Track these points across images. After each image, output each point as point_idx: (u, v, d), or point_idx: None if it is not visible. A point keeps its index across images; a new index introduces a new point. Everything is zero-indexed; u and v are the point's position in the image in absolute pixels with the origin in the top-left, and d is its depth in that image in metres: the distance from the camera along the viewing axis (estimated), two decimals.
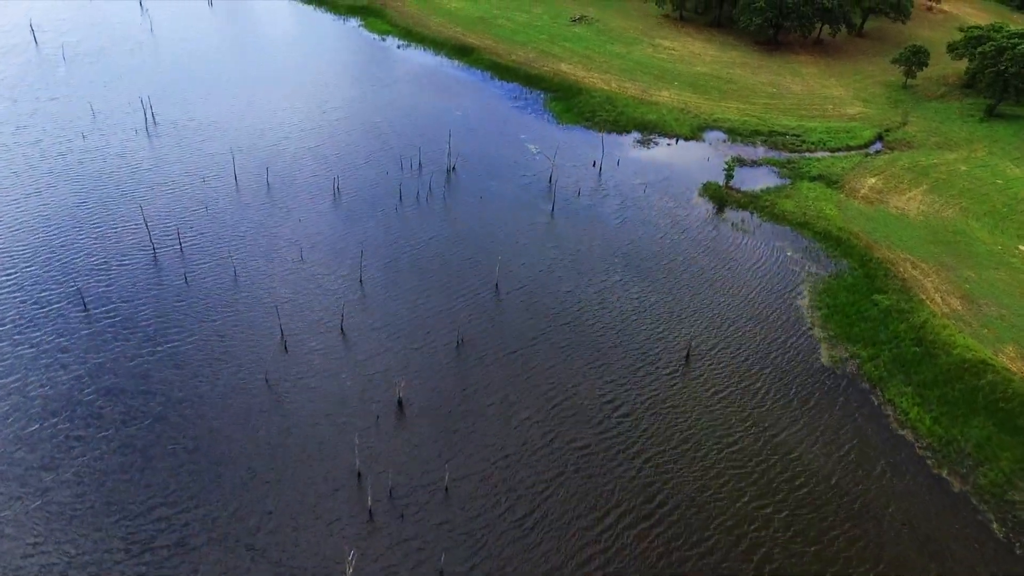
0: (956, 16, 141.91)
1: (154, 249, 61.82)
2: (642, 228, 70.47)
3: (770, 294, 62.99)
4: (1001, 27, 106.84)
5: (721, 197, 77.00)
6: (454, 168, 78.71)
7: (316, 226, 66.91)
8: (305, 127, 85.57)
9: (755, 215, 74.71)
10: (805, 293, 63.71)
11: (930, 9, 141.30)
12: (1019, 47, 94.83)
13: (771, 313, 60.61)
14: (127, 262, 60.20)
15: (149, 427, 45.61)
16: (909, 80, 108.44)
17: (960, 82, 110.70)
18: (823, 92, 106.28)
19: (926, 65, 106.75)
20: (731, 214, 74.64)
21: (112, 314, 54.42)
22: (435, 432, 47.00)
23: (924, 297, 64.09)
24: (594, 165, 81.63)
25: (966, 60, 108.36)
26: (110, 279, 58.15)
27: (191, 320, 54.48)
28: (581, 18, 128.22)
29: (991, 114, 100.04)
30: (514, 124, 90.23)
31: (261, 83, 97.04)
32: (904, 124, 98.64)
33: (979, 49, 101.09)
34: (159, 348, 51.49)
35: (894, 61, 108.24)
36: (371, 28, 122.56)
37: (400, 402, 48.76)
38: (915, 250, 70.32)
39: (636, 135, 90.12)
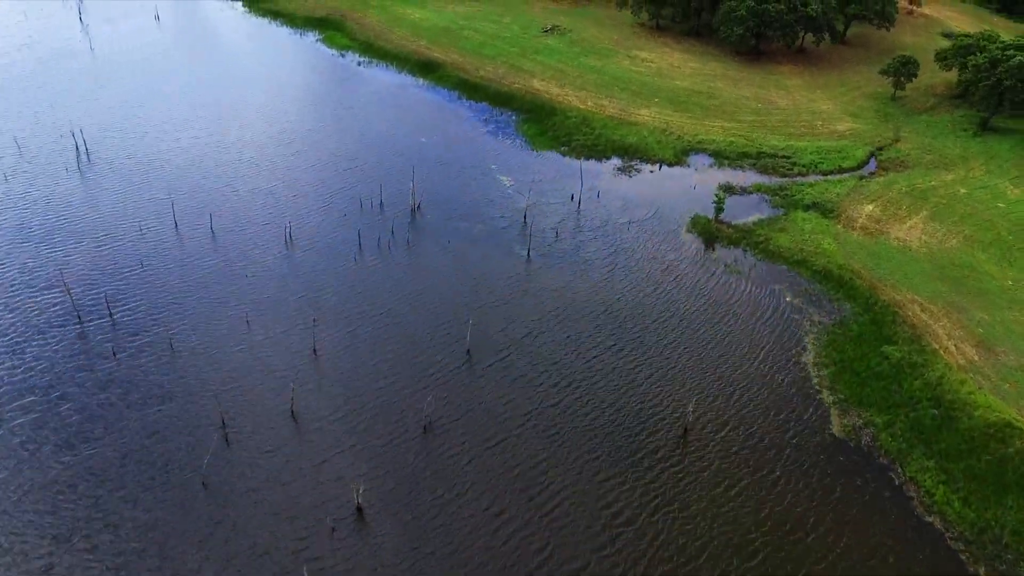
0: (937, 20, 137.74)
1: (80, 321, 54.30)
2: (630, 277, 64.09)
3: (772, 351, 57.21)
4: (992, 36, 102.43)
5: (711, 233, 71.14)
6: (419, 207, 71.92)
7: (265, 285, 59.80)
8: (256, 163, 78.07)
9: (749, 253, 68.89)
10: (809, 347, 58.05)
11: (911, 13, 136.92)
12: (1015, 59, 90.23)
13: (775, 375, 54.83)
14: (46, 341, 52.66)
15: (56, 557, 38.55)
16: (898, 92, 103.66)
17: (950, 93, 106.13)
18: (810, 106, 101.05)
19: (915, 76, 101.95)
20: (723, 252, 68.75)
21: (25, 411, 47.02)
22: (401, 548, 40.48)
23: (937, 346, 58.80)
24: (572, 199, 75.33)
25: (956, 70, 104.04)
26: (24, 365, 50.61)
27: (118, 414, 47.20)
28: (553, 28, 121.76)
29: (985, 128, 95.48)
30: (484, 152, 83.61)
31: (209, 111, 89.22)
32: (896, 141, 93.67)
33: (971, 61, 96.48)
34: (76, 456, 44.22)
35: (883, 72, 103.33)
36: (330, 43, 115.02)
37: (359, 509, 42.19)
38: (922, 289, 65.09)
39: (616, 161, 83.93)
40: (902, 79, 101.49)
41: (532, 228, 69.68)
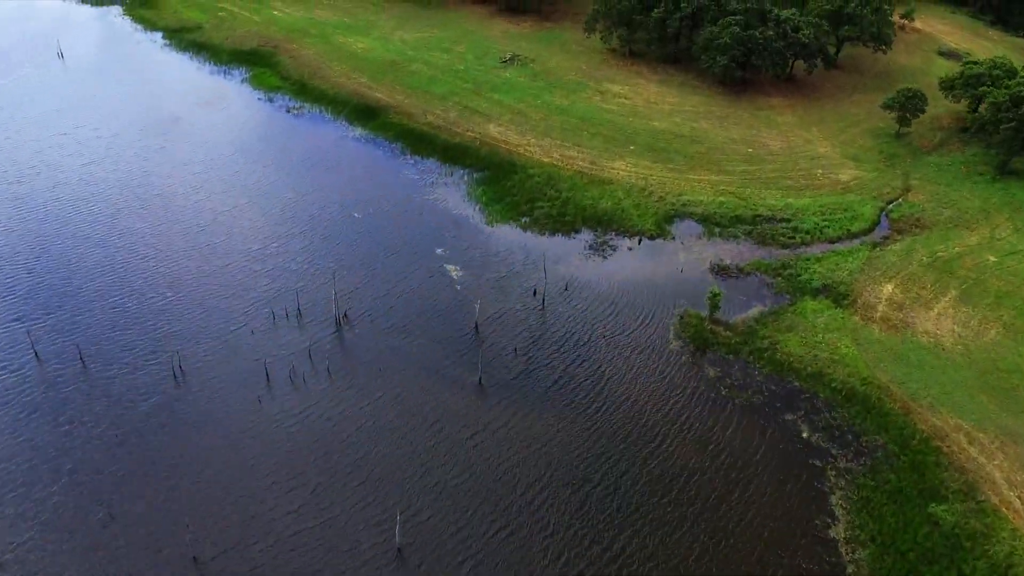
0: (931, 35, 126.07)
1: None
2: (609, 418, 50.70)
3: (791, 523, 44.56)
4: (1004, 64, 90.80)
5: (705, 338, 58.32)
6: (345, 317, 58.48)
7: (138, 461, 46.00)
8: (141, 267, 63.27)
9: (753, 366, 56.13)
10: (838, 512, 45.46)
11: (903, 28, 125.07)
12: None
13: (801, 562, 42.36)
14: None
15: None
16: (902, 128, 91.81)
17: (957, 125, 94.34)
18: (807, 149, 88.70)
19: (923, 112, 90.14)
20: (722, 367, 55.57)
21: None
22: None
23: (997, 500, 46.67)
24: (535, 295, 62.29)
25: (965, 102, 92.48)
26: None
27: None
28: (512, 58, 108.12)
29: (1004, 171, 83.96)
30: (429, 229, 69.75)
31: (90, 189, 74.19)
32: (907, 191, 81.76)
33: (987, 96, 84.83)
34: None
35: (886, 107, 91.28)
36: (258, 83, 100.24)
37: None
38: (966, 409, 52.97)
39: (587, 236, 70.63)
40: (907, 115, 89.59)
41: (485, 341, 56.61)
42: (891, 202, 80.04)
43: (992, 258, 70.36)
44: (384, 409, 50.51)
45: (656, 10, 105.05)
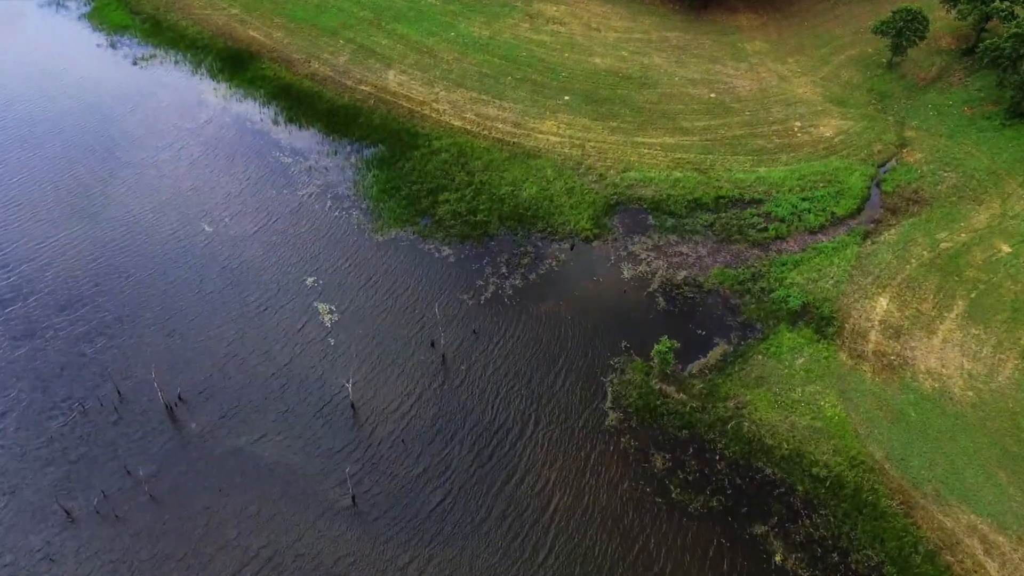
0: None
1: None
2: (527, 547, 37.99)
3: None
4: None
5: (651, 406, 45.03)
6: (180, 400, 43.81)
7: None
8: None
9: (712, 446, 43.26)
10: None
11: None
12: None
13: None
14: None
15: None
16: (895, 57, 75.29)
17: (959, 45, 78.14)
18: (782, 91, 72.19)
19: (923, 38, 73.43)
20: (672, 451, 41.96)
21: None
22: None
23: None
24: (432, 346, 47.87)
25: (972, 18, 75.75)
26: None
27: None
28: None
29: (1016, 114, 68.90)
30: (301, 242, 53.30)
31: None
32: (902, 148, 66.79)
33: (1004, 19, 68.36)
34: None
35: (878, 31, 74.23)
36: (99, 20, 78.98)
37: None
38: (981, 496, 41.03)
39: (504, 242, 54.86)
40: (904, 43, 72.94)
41: (364, 431, 42.72)
42: (883, 165, 65.30)
43: (1006, 248, 56.78)
44: (221, 558, 37.20)
45: None
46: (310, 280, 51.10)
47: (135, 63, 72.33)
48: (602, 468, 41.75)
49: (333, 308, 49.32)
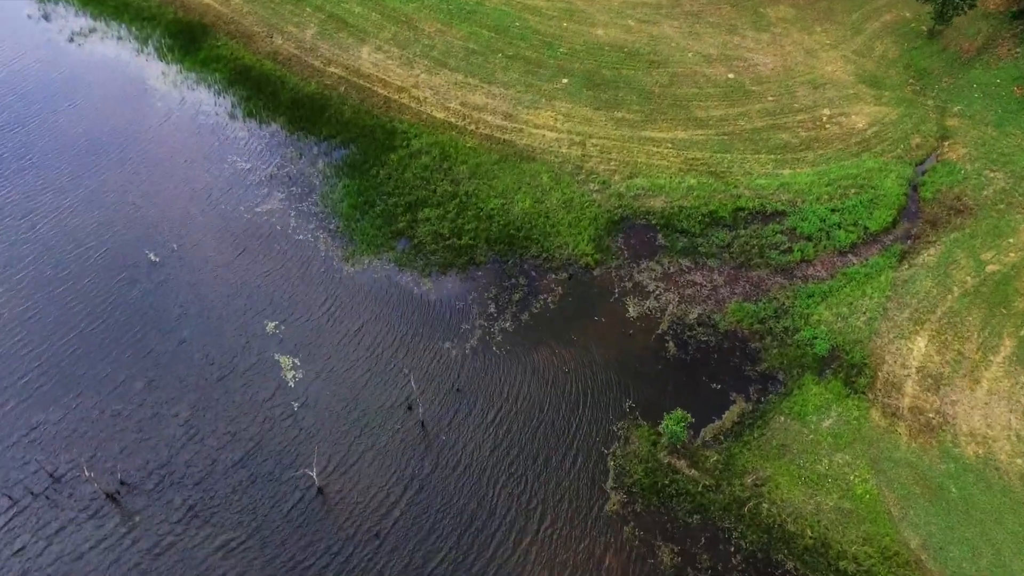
0: None
1: None
2: None
3: None
4: None
5: (659, 485, 39.21)
6: (123, 486, 37.85)
7: None
8: None
9: (727, 535, 37.89)
10: None
11: None
12: None
13: None
14: None
15: None
16: (938, 25, 66.26)
17: (1007, 8, 68.88)
18: (808, 69, 63.57)
19: (973, 6, 64.27)
20: (682, 544, 36.34)
21: None
22: None
23: None
24: (410, 410, 41.86)
25: None
26: None
27: None
28: None
29: None
30: (259, 276, 46.11)
31: None
32: (943, 142, 59.04)
33: None
34: None
35: None
36: None
37: None
38: None
39: (492, 272, 47.97)
40: (951, 11, 63.87)
41: (330, 520, 37.21)
42: (922, 163, 57.76)
43: None
44: None
45: None
46: (271, 325, 44.58)
47: (71, 39, 63.23)
48: (602, 569, 36.60)
49: (297, 362, 43.02)
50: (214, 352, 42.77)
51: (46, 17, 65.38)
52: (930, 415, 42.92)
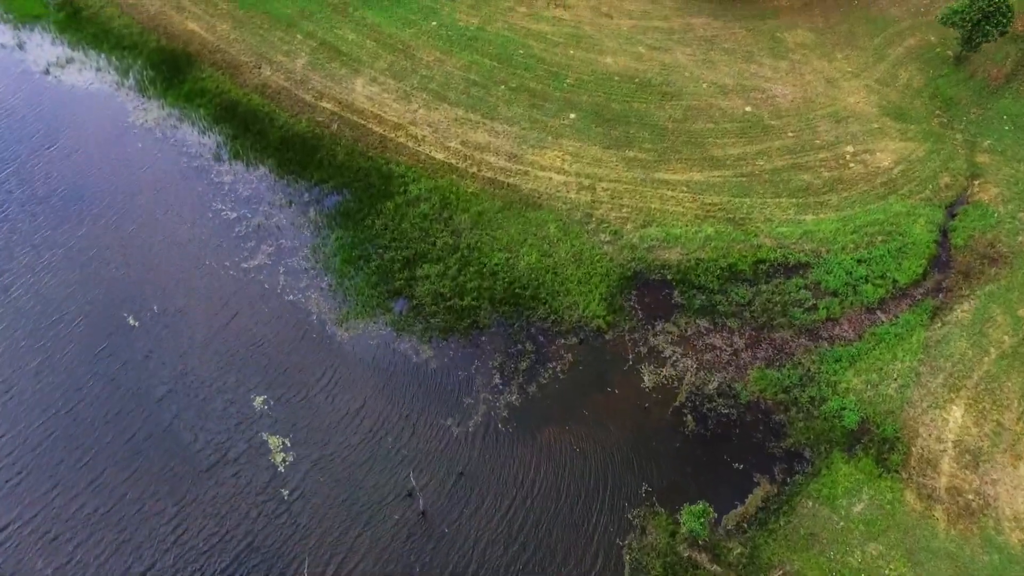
0: None
1: None
2: None
3: None
4: None
5: None
6: None
7: None
8: None
9: None
10: None
11: None
12: None
13: None
14: None
15: None
16: (965, 50, 62.69)
17: None
18: (831, 102, 59.99)
19: (1005, 32, 60.68)
20: None
21: None
22: None
23: None
24: (410, 496, 38.71)
25: None
26: None
27: None
28: None
29: None
30: (247, 342, 42.72)
31: None
32: (973, 181, 55.70)
33: None
34: None
35: (947, 22, 61.33)
36: (8, 9, 65.38)
37: None
38: None
39: (497, 340, 44.41)
40: (979, 38, 60.29)
41: None
42: (952, 206, 54.44)
43: None
44: None
45: None
46: (259, 400, 41.42)
47: (47, 71, 59.50)
48: None
49: (287, 443, 39.92)
50: (202, 436, 39.62)
51: (20, 46, 61.65)
52: (969, 497, 39.96)
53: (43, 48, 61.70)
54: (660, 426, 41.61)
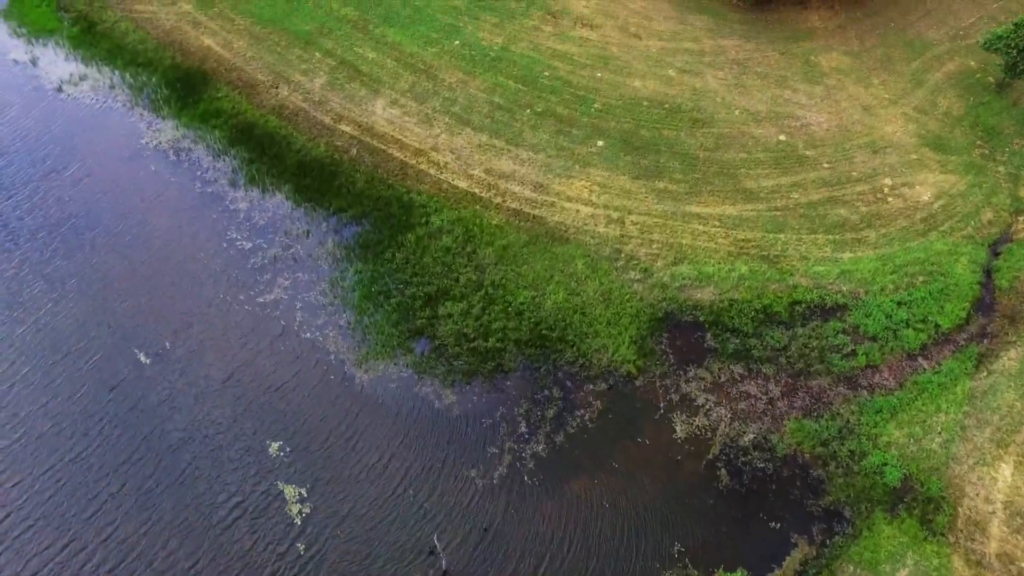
0: None
1: None
2: None
3: None
4: None
5: None
6: None
7: None
8: None
9: None
10: None
11: None
12: None
13: None
14: None
15: None
16: (1008, 77, 60.44)
17: None
18: (868, 131, 57.82)
19: None
20: None
21: None
22: None
23: None
24: (432, 554, 37.02)
25: None
26: None
27: None
28: None
29: None
30: (262, 384, 40.97)
31: None
32: (1018, 216, 53.53)
33: None
34: None
35: (990, 47, 59.13)
36: (19, 19, 63.96)
37: None
38: None
39: (522, 385, 42.51)
40: (1021, 66, 57.97)
41: None
42: (996, 244, 52.29)
43: None
44: None
45: None
46: (275, 446, 39.79)
47: (59, 89, 57.87)
48: None
49: (304, 493, 38.25)
50: (218, 488, 38.03)
51: (34, 62, 60.06)
52: (1022, 564, 38.00)
53: (56, 64, 60.10)
54: (693, 480, 39.76)
